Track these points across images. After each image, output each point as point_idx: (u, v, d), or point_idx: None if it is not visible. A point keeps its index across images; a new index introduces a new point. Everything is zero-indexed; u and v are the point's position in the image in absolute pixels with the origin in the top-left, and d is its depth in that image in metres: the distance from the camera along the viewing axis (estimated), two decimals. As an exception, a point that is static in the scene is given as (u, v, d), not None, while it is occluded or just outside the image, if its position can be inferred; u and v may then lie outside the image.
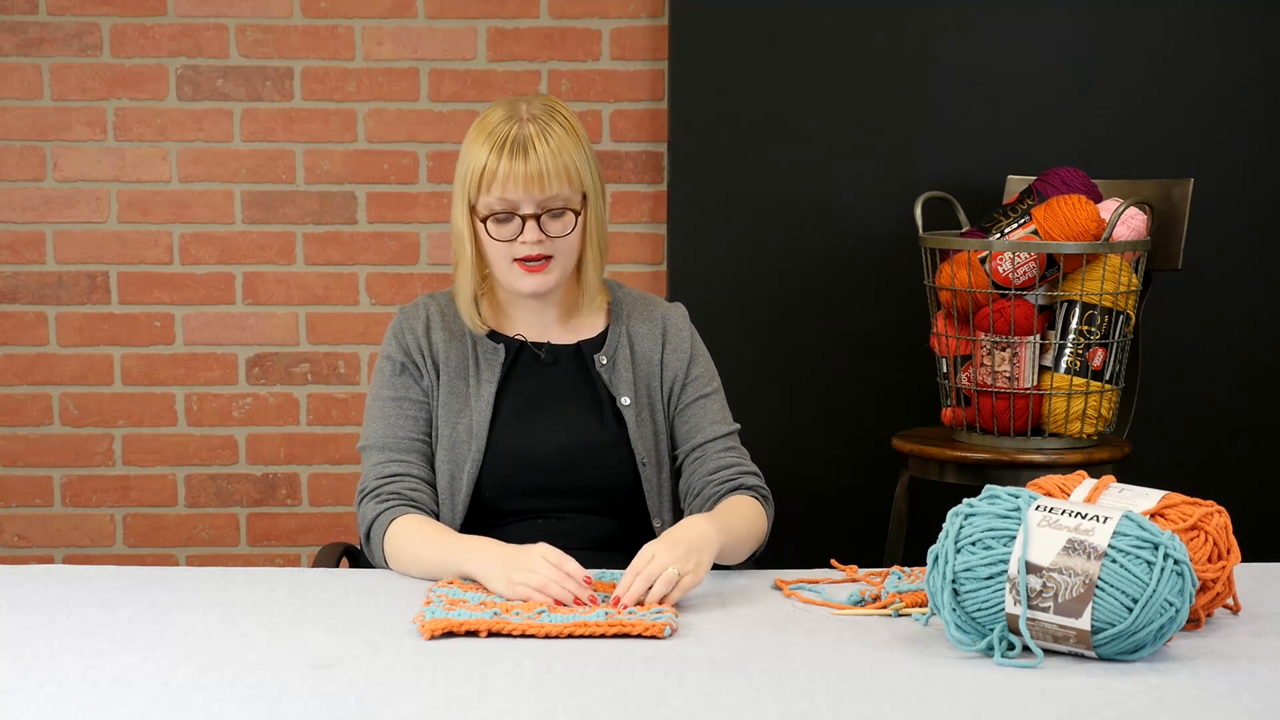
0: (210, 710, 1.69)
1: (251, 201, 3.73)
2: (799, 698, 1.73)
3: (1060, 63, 3.57)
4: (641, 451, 2.40)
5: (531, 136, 2.31)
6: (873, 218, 3.60)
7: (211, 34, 3.68)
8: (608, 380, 2.43)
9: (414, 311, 2.45)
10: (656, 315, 2.49)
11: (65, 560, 3.78)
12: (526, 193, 2.30)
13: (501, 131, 2.32)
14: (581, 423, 2.40)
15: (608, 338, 2.46)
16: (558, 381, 2.43)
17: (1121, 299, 3.07)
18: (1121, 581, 1.81)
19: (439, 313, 2.45)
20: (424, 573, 2.24)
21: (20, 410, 3.76)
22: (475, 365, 2.42)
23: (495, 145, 2.31)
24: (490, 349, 2.42)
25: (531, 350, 2.44)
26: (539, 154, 2.30)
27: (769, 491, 2.42)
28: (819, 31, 3.58)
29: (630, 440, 2.40)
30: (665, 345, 2.47)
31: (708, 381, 2.48)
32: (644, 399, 2.44)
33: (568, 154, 2.32)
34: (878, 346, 3.63)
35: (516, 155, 2.30)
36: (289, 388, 3.78)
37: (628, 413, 2.41)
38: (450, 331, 2.43)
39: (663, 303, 2.53)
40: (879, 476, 3.51)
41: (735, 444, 2.46)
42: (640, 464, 2.40)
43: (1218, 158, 3.57)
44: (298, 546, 3.81)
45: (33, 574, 2.23)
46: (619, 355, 2.44)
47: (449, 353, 2.42)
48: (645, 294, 2.54)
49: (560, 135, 2.33)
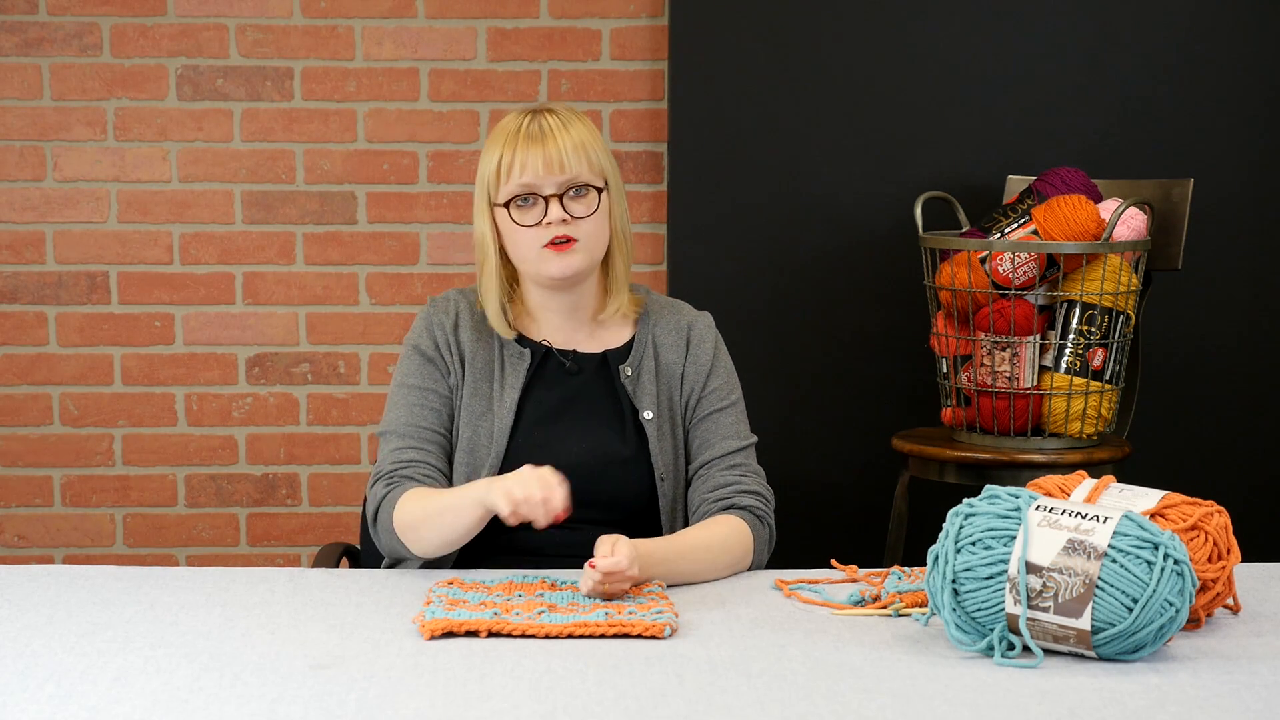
0: (210, 710, 1.69)
1: (251, 201, 3.73)
2: (799, 698, 1.74)
3: (1060, 63, 3.57)
4: (661, 467, 2.39)
5: (549, 125, 2.35)
6: (873, 218, 3.60)
7: (211, 34, 3.68)
8: (631, 392, 2.41)
9: (444, 305, 2.45)
10: (682, 324, 2.47)
11: (65, 560, 3.78)
12: (547, 174, 2.32)
13: (516, 124, 2.36)
14: (602, 436, 2.39)
15: (633, 348, 2.44)
16: (581, 392, 2.42)
17: (1121, 299, 3.07)
18: (1121, 581, 1.81)
19: (469, 310, 2.44)
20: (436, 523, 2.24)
21: (20, 410, 3.76)
22: (500, 369, 2.41)
23: (511, 136, 2.35)
24: (516, 353, 2.41)
25: (557, 357, 2.43)
26: (557, 138, 2.33)
27: (766, 510, 2.38)
28: (819, 32, 3.58)
29: (650, 455, 2.39)
30: (687, 356, 2.45)
31: (725, 394, 2.45)
32: (665, 412, 2.42)
33: (585, 139, 2.36)
34: (878, 346, 3.63)
35: (534, 140, 2.33)
36: (289, 388, 3.78)
37: (649, 427, 2.39)
38: (478, 330, 2.43)
39: (690, 310, 2.51)
40: (879, 476, 3.51)
41: (743, 460, 2.43)
42: (659, 479, 2.38)
43: (1218, 158, 3.57)
44: (298, 546, 3.81)
45: (33, 574, 2.23)
46: (643, 367, 2.43)
47: (475, 352, 2.41)
48: (674, 301, 2.52)
49: (578, 126, 2.37)
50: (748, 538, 2.32)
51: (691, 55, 3.60)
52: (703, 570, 2.26)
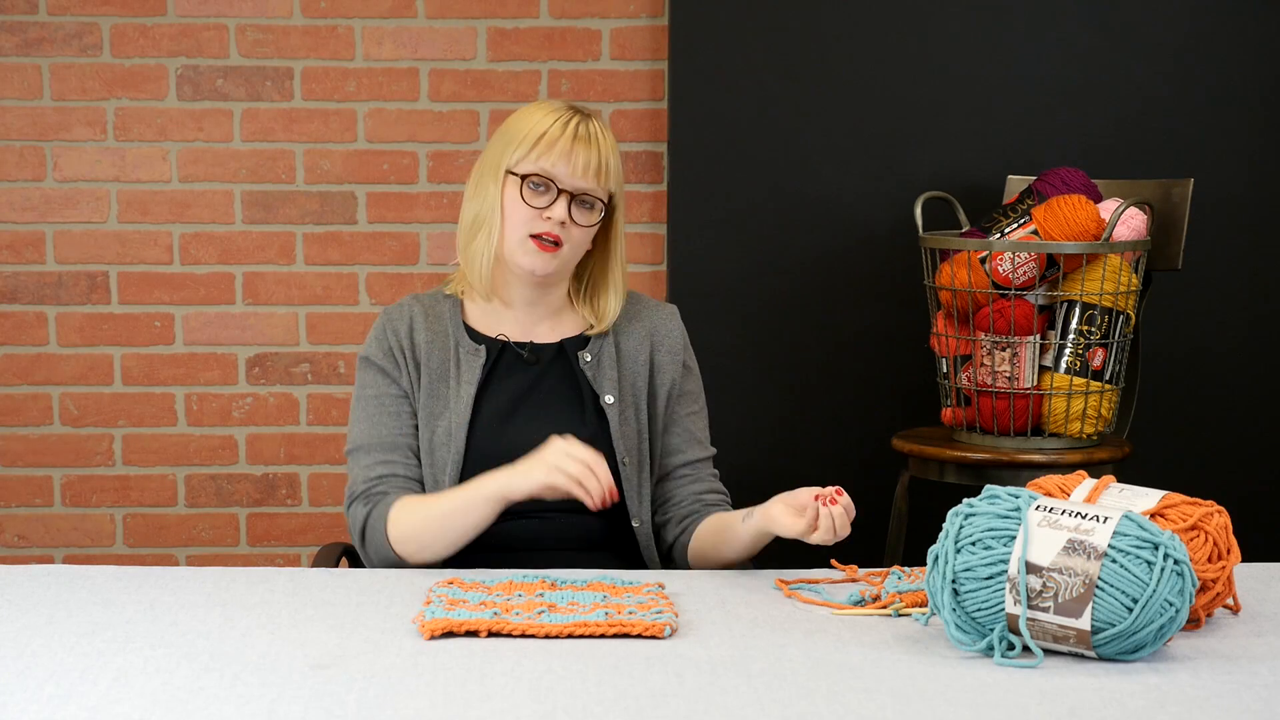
0: (210, 710, 1.69)
1: (251, 201, 3.73)
2: (799, 698, 1.73)
3: (1060, 63, 3.57)
4: (623, 451, 2.40)
5: (596, 130, 2.37)
6: (873, 218, 3.60)
7: (211, 34, 3.68)
8: (592, 378, 2.42)
9: (398, 312, 2.46)
10: (643, 314, 2.49)
11: (65, 560, 3.79)
12: (582, 176, 2.34)
13: (564, 116, 2.37)
14: (560, 420, 2.38)
15: (592, 336, 2.46)
16: (540, 380, 2.43)
17: (1121, 299, 3.07)
18: (1121, 581, 1.81)
19: (423, 313, 2.45)
20: (441, 528, 2.25)
21: (20, 410, 3.76)
22: (456, 367, 2.41)
23: (559, 124, 2.36)
24: (471, 350, 2.42)
25: (514, 350, 2.44)
26: (600, 149, 2.36)
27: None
28: (819, 31, 3.58)
29: (611, 439, 2.40)
30: (656, 346, 2.47)
31: (698, 397, 2.50)
32: (629, 397, 2.43)
33: (617, 158, 2.39)
34: (878, 346, 3.63)
35: (581, 140, 2.35)
36: (289, 388, 3.78)
37: (611, 411, 2.40)
38: (433, 332, 2.43)
39: (649, 300, 2.53)
40: (879, 476, 3.50)
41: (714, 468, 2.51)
42: (621, 463, 2.39)
43: (1218, 158, 3.57)
44: (298, 546, 3.81)
45: (33, 574, 2.23)
46: (604, 353, 2.44)
47: (430, 354, 2.41)
48: (632, 292, 2.54)
49: (612, 139, 2.40)
50: None
51: (691, 55, 3.60)
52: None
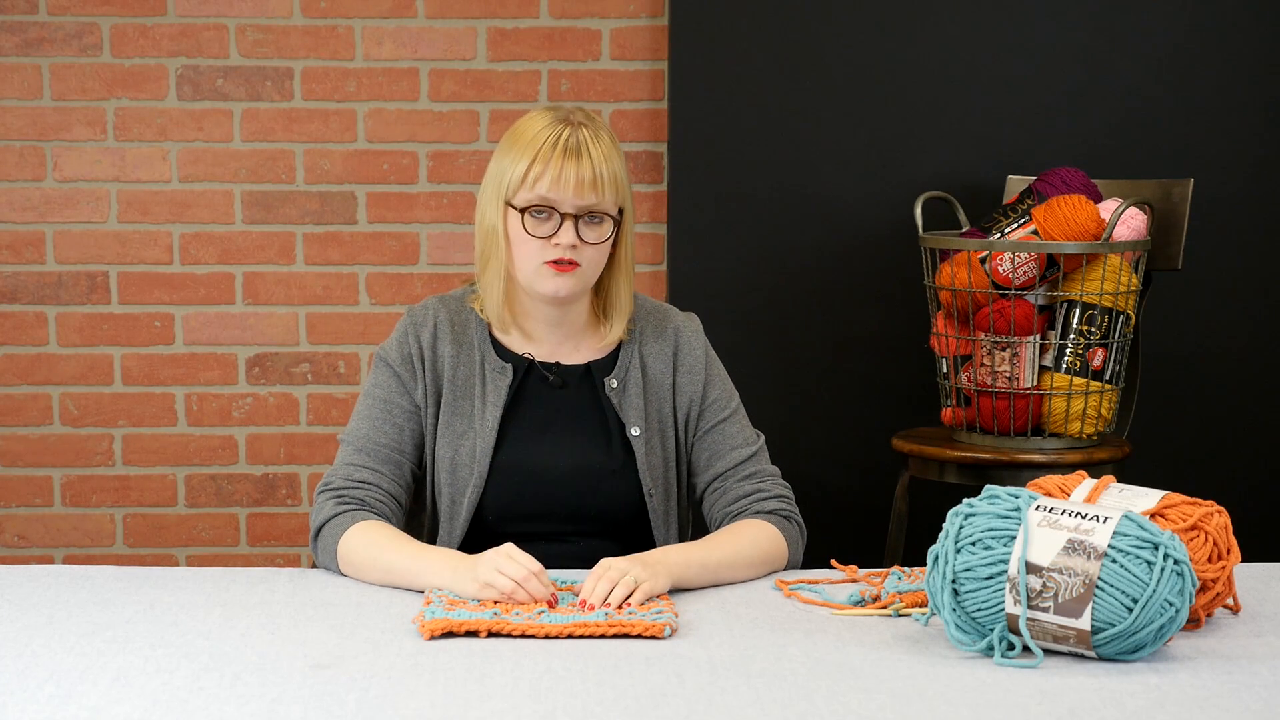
0: (210, 710, 1.69)
1: (251, 201, 3.73)
2: (799, 698, 1.74)
3: (1060, 63, 3.57)
4: (649, 482, 2.36)
5: (586, 140, 2.29)
6: (873, 218, 3.60)
7: (211, 34, 3.68)
8: (617, 405, 2.37)
9: (422, 316, 2.39)
10: (669, 331, 2.43)
11: (65, 560, 3.79)
12: (577, 194, 2.27)
13: (553, 133, 2.29)
14: (587, 449, 2.36)
15: (619, 359, 2.40)
16: (565, 405, 2.38)
17: (1121, 299, 3.07)
18: (1121, 581, 1.81)
19: (448, 321, 2.39)
20: (381, 577, 2.19)
21: (20, 410, 3.76)
22: (482, 385, 2.37)
23: (546, 144, 2.28)
24: (498, 368, 2.37)
25: (540, 371, 2.39)
26: (592, 159, 2.28)
27: (790, 509, 2.36)
28: (819, 32, 3.58)
29: (638, 469, 2.36)
30: (678, 367, 2.42)
31: (725, 403, 2.42)
32: (654, 426, 2.39)
33: (617, 169, 2.31)
34: (878, 346, 3.63)
35: (569, 157, 2.27)
36: (289, 388, 3.78)
37: (637, 443, 2.36)
38: (458, 344, 2.38)
39: (675, 314, 2.46)
40: (879, 476, 3.51)
41: (757, 466, 2.41)
42: (647, 494, 2.36)
43: (1218, 158, 3.57)
44: (298, 546, 3.81)
45: (33, 574, 2.23)
46: (629, 379, 2.39)
47: (455, 368, 2.36)
48: (659, 304, 2.47)
49: (608, 144, 2.31)
50: (778, 538, 2.30)
51: (691, 55, 3.60)
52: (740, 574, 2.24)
